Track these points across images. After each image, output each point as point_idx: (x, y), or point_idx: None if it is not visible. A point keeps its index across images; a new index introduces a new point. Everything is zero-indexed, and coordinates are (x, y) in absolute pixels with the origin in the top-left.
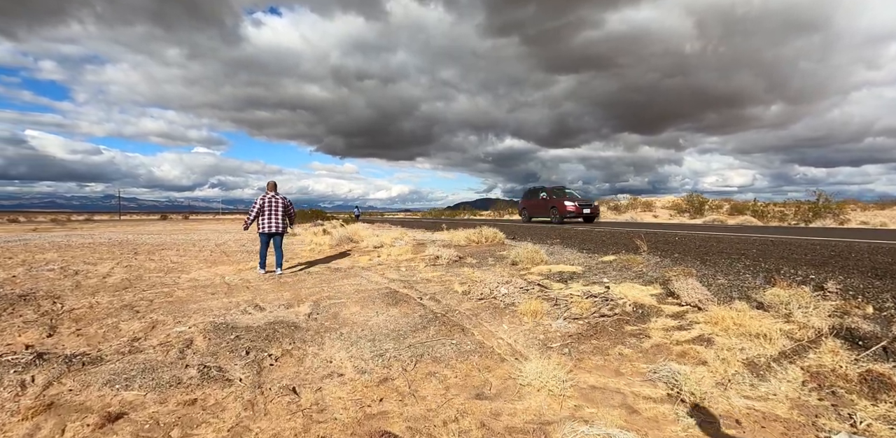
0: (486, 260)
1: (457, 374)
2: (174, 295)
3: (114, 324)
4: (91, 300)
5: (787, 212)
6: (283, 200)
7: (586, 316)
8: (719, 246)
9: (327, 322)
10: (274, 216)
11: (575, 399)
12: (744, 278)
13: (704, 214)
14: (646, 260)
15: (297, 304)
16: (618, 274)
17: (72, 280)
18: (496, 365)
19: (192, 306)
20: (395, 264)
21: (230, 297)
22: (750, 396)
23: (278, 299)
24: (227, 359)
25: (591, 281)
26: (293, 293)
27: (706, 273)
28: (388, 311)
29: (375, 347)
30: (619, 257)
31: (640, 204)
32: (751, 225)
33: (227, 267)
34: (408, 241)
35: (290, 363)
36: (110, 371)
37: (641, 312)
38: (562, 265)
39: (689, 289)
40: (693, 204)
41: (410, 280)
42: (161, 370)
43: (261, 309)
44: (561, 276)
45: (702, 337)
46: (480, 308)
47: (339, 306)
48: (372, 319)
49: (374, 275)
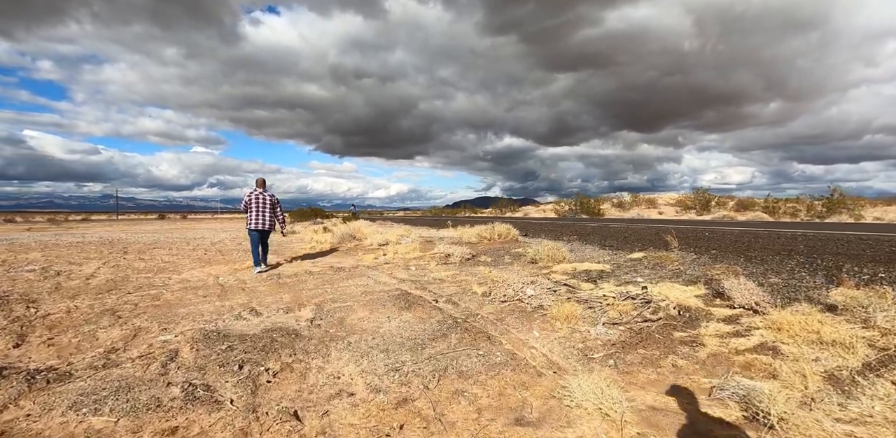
0: (502, 259)
1: (488, 393)
2: (162, 298)
3: (91, 332)
4: (70, 304)
5: (800, 207)
6: (271, 197)
7: (627, 321)
8: (758, 241)
9: (332, 329)
10: (262, 213)
11: (636, 424)
12: (799, 276)
13: (711, 210)
14: (680, 258)
15: (297, 308)
16: (652, 272)
17: (52, 281)
18: (533, 380)
19: (180, 310)
20: (404, 263)
21: (224, 300)
22: (842, 418)
23: (277, 302)
24: (217, 375)
25: (623, 281)
26: (293, 295)
27: (754, 271)
28: (400, 316)
29: (390, 359)
30: (649, 254)
31: (643, 201)
32: (770, 221)
33: (221, 266)
34: (414, 239)
35: (291, 379)
36: (79, 390)
37: (689, 316)
38: (587, 263)
39: (743, 290)
40: (700, 200)
41: (422, 280)
42: (138, 389)
43: (257, 313)
44: (588, 275)
45: (765, 346)
46: (505, 311)
47: (345, 310)
48: (383, 325)
49: (381, 275)
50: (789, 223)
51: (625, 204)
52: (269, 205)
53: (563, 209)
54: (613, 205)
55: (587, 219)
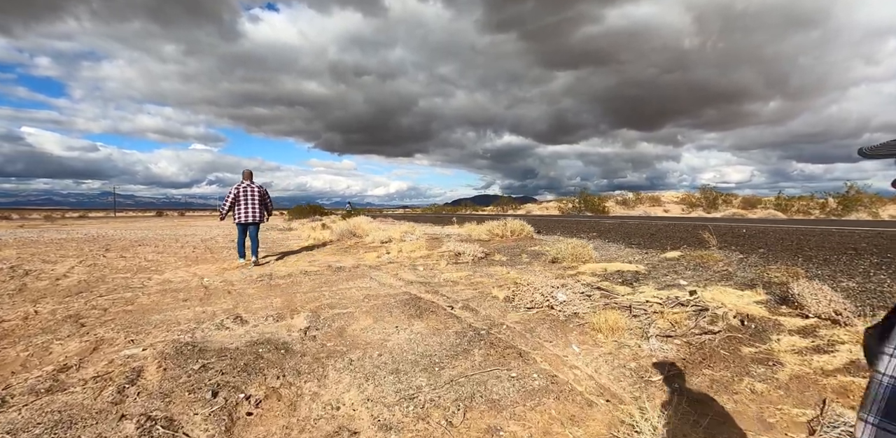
0: (520, 258)
1: (531, 432)
2: (136, 302)
3: (44, 344)
4: (30, 308)
5: (814, 205)
6: (260, 189)
7: (683, 333)
8: (810, 239)
9: (330, 341)
10: (250, 205)
11: None
12: (878, 280)
13: (718, 208)
14: (724, 257)
15: (290, 315)
16: (695, 274)
17: (17, 282)
18: (584, 413)
19: (155, 317)
20: (410, 262)
21: (206, 305)
22: None
23: (266, 308)
24: (185, 405)
25: (664, 284)
26: (285, 299)
27: (819, 273)
28: (411, 326)
29: (402, 383)
30: (686, 253)
31: (647, 198)
32: (791, 219)
33: (209, 265)
34: (419, 236)
35: (277, 411)
36: (6, 425)
37: (755, 327)
38: (617, 263)
39: (817, 295)
40: (707, 198)
41: (432, 282)
42: (82, 424)
43: (242, 321)
44: (622, 277)
45: (857, 364)
46: (534, 320)
47: (346, 318)
48: (391, 337)
49: (385, 276)
50: (816, 220)
51: (629, 201)
52: (259, 197)
53: (566, 206)
54: (617, 203)
55: (594, 216)
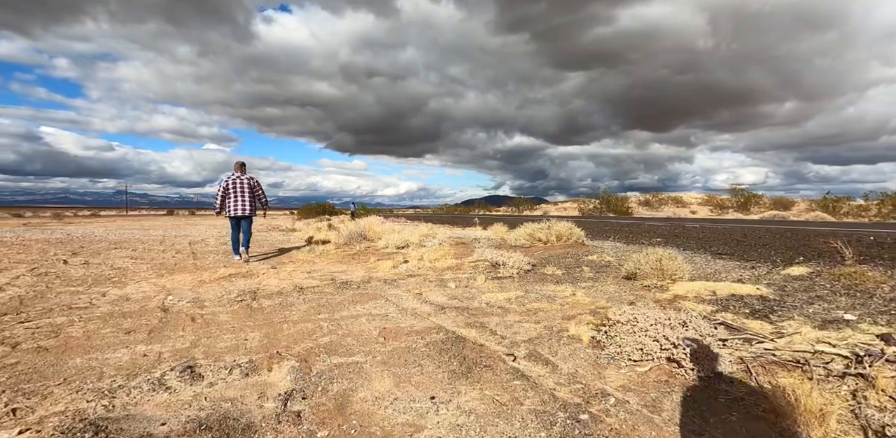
0: (579, 271)
1: None
2: (64, 332)
3: None
4: None
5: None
6: (250, 180)
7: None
8: None
9: (325, 426)
10: (240, 198)
11: None
12: None
13: (751, 210)
14: (884, 276)
15: (267, 365)
16: (855, 302)
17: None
18: None
19: (73, 362)
20: (435, 275)
21: (154, 341)
22: None
23: (237, 348)
24: None
25: (819, 318)
26: (267, 334)
27: None
28: (456, 395)
29: None
30: (816, 269)
31: (669, 199)
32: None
33: (185, 276)
34: (442, 240)
35: None
36: None
37: None
38: (725, 283)
39: None
40: (739, 199)
41: (471, 307)
42: None
43: (195, 376)
44: (746, 306)
45: None
46: (651, 386)
47: (351, 375)
48: (426, 421)
49: (406, 297)
50: (887, 224)
51: (651, 202)
52: (249, 189)
53: (586, 207)
54: (640, 204)
55: (619, 217)
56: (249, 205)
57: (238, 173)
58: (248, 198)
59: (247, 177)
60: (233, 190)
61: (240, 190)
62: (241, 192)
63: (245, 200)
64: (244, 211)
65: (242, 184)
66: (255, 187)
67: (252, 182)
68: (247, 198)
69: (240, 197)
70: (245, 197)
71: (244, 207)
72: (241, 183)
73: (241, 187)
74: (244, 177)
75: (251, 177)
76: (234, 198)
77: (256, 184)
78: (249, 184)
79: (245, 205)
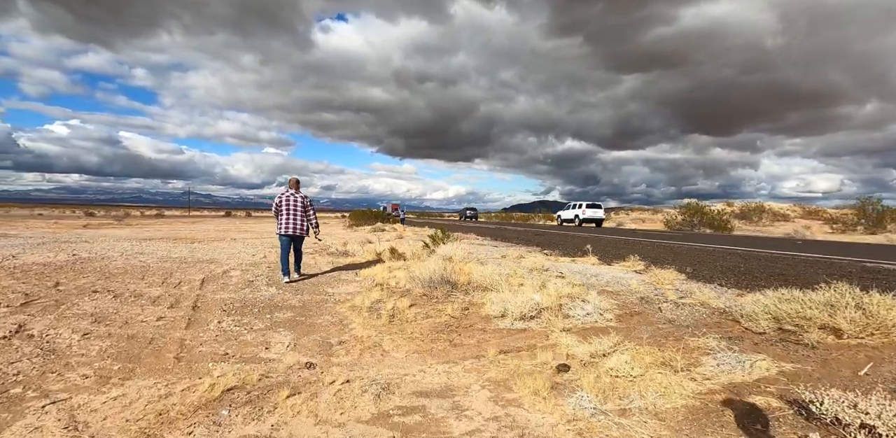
0: None
1: None
2: None
3: None
4: None
5: None
6: (304, 199)
7: None
8: None
9: None
10: (293, 216)
11: None
12: None
13: (886, 227)
14: None
15: None
16: None
17: None
18: None
19: None
20: None
21: None
22: None
23: None
24: None
25: None
26: None
27: None
28: None
29: None
30: None
31: (761, 210)
32: None
33: (145, 384)
34: (599, 305)
35: None
36: None
37: None
38: None
39: None
40: (871, 213)
41: None
42: None
43: None
44: None
45: None
46: None
47: None
48: None
49: None
50: None
51: (748, 214)
52: (302, 208)
53: (674, 220)
54: (733, 216)
55: (724, 236)
56: (301, 223)
57: (293, 190)
58: (300, 216)
59: (301, 195)
60: (286, 207)
61: (293, 208)
62: (294, 211)
63: (297, 219)
64: (296, 230)
65: (296, 202)
66: (307, 207)
67: (305, 201)
68: (299, 217)
69: (292, 215)
70: (298, 215)
71: (296, 226)
72: (294, 200)
73: (295, 205)
74: (298, 195)
75: (305, 196)
76: (287, 215)
77: (309, 204)
78: (303, 203)
79: (297, 224)
